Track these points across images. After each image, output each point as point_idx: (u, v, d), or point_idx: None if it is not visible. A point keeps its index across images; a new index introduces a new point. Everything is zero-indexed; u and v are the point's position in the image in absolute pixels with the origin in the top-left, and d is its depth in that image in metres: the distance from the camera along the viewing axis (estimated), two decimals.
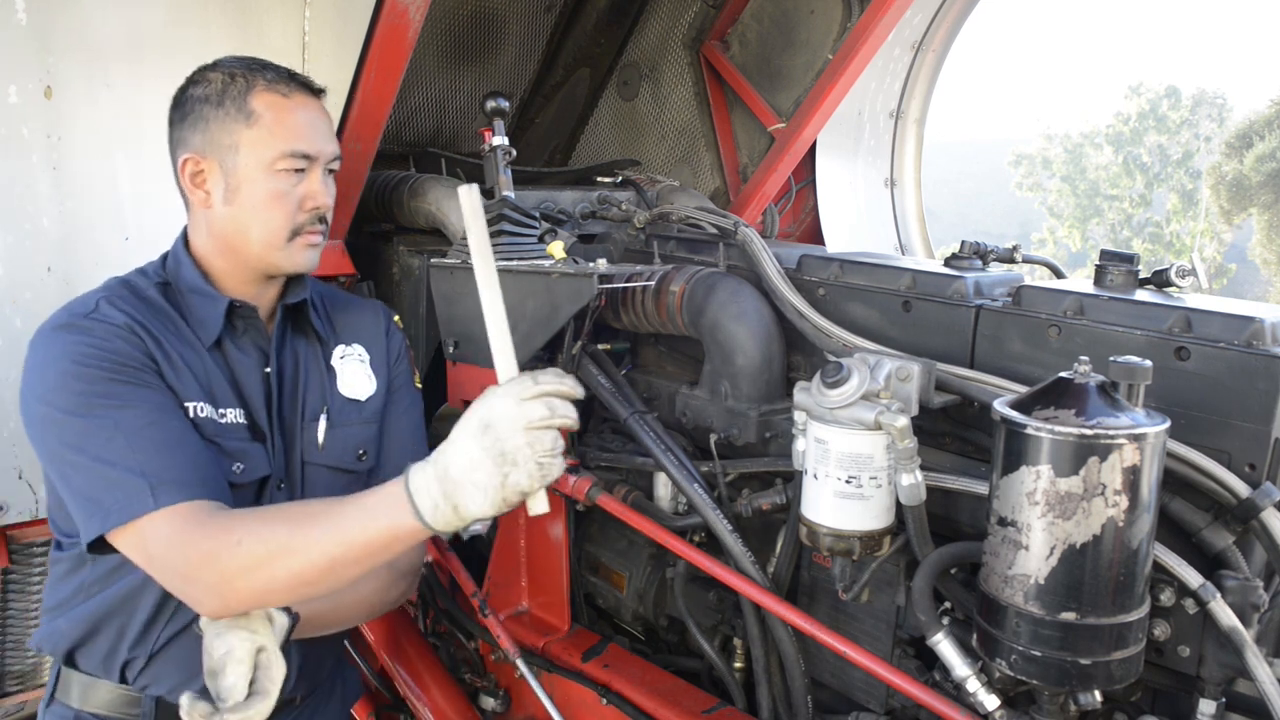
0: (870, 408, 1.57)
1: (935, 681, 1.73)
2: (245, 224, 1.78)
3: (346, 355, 2.00)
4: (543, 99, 4.14)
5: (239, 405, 1.79)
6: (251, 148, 1.75)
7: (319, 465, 1.92)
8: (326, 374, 1.96)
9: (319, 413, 1.92)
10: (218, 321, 1.79)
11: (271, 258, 1.81)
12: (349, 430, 1.96)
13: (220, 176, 1.76)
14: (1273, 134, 26.40)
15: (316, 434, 1.91)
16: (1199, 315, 1.58)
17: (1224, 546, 1.51)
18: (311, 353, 1.95)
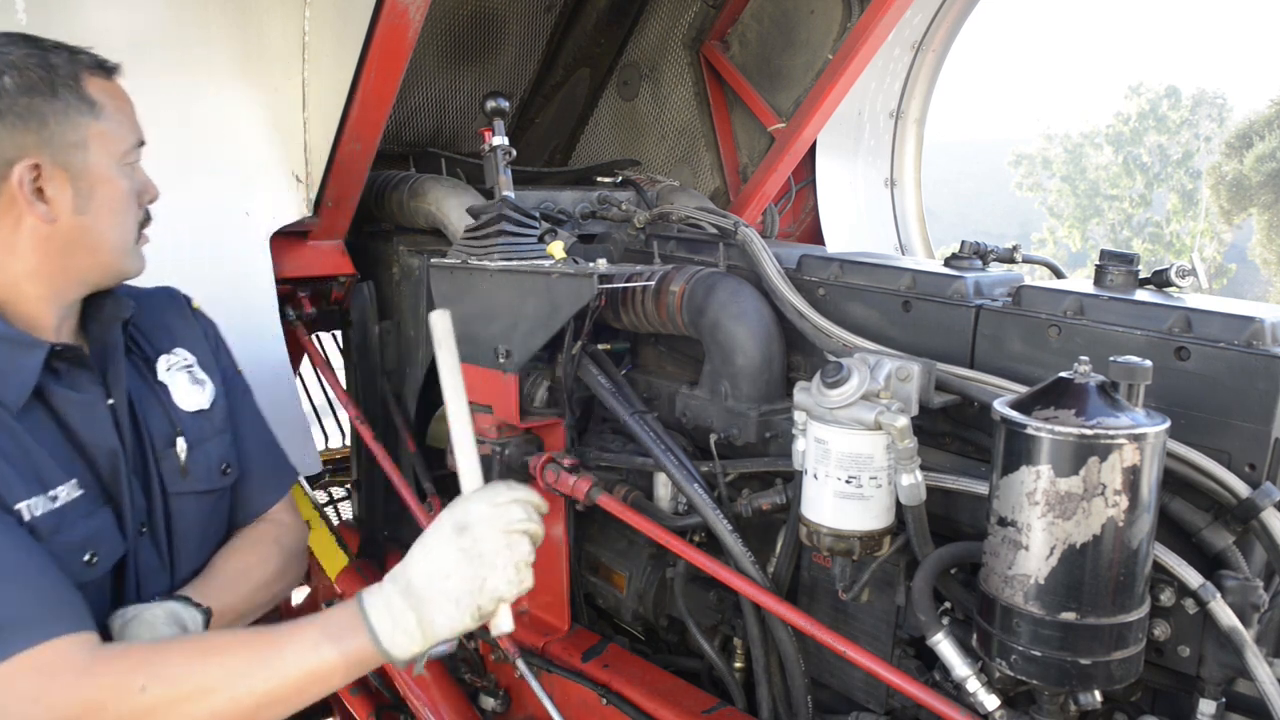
0: (870, 408, 1.57)
1: (935, 681, 1.73)
2: (101, 232, 1.55)
3: (172, 365, 1.75)
4: (543, 99, 4.14)
5: (70, 472, 1.49)
6: (102, 143, 1.53)
7: (185, 494, 1.70)
8: (159, 391, 1.72)
9: (171, 436, 1.69)
10: (32, 375, 1.47)
11: (122, 264, 1.62)
12: (208, 447, 1.75)
13: (68, 182, 1.49)
14: (1273, 134, 26.40)
15: (177, 460, 1.69)
16: (1199, 315, 1.58)
17: (1224, 546, 1.51)
18: (134, 370, 1.70)
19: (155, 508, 1.66)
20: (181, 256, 2.48)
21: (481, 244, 2.31)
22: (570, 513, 2.34)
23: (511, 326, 2.19)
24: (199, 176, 2.51)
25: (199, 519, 1.76)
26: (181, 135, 2.47)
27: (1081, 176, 38.23)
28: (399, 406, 2.87)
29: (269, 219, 2.60)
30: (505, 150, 2.42)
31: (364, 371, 2.94)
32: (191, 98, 2.48)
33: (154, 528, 1.65)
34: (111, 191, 1.56)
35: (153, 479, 1.66)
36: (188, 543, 1.73)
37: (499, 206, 2.33)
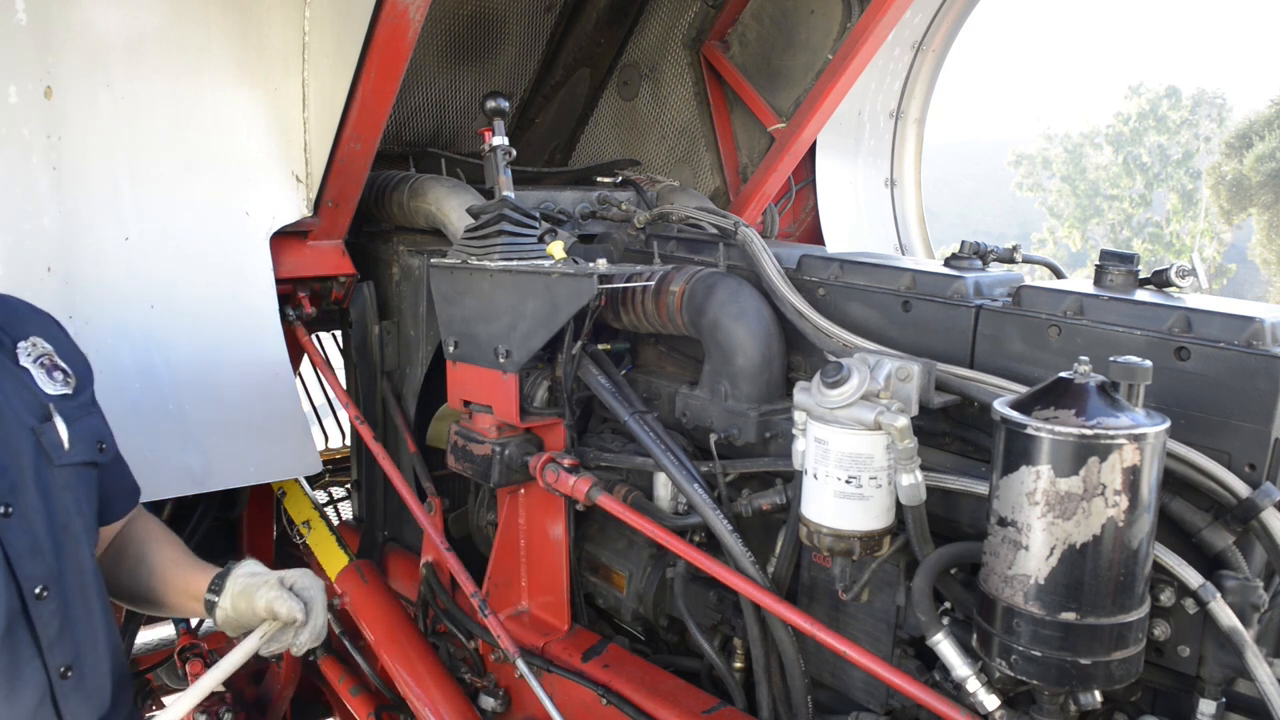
0: (870, 408, 1.57)
1: (935, 681, 1.73)
2: None
3: (31, 352, 1.75)
4: (543, 99, 4.14)
5: None
6: None
7: (70, 466, 1.71)
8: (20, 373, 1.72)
9: (44, 412, 1.70)
10: None
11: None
12: (83, 423, 1.77)
13: None
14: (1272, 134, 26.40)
15: (58, 434, 1.69)
16: (1199, 315, 1.58)
17: (1224, 546, 1.51)
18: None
19: (27, 487, 1.62)
20: (181, 256, 2.48)
21: (482, 244, 2.31)
22: (570, 513, 2.34)
23: (511, 326, 2.19)
24: (199, 176, 2.51)
25: (85, 495, 1.75)
26: (181, 135, 2.47)
27: (1081, 177, 38.22)
28: (399, 406, 2.87)
29: (269, 219, 2.60)
30: (505, 150, 2.42)
31: (364, 371, 2.95)
32: (191, 97, 2.48)
33: (25, 509, 1.61)
34: None
35: (25, 456, 1.63)
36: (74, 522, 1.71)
37: (499, 206, 2.33)
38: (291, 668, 3.00)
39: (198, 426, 2.45)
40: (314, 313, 2.81)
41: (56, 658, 1.63)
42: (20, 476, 1.61)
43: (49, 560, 1.63)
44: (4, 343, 1.72)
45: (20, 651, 1.59)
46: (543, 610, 2.45)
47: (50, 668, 1.62)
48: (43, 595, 1.61)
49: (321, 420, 4.35)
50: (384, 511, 3.08)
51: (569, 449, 2.28)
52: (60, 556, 1.65)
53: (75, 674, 1.66)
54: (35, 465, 1.64)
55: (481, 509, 2.66)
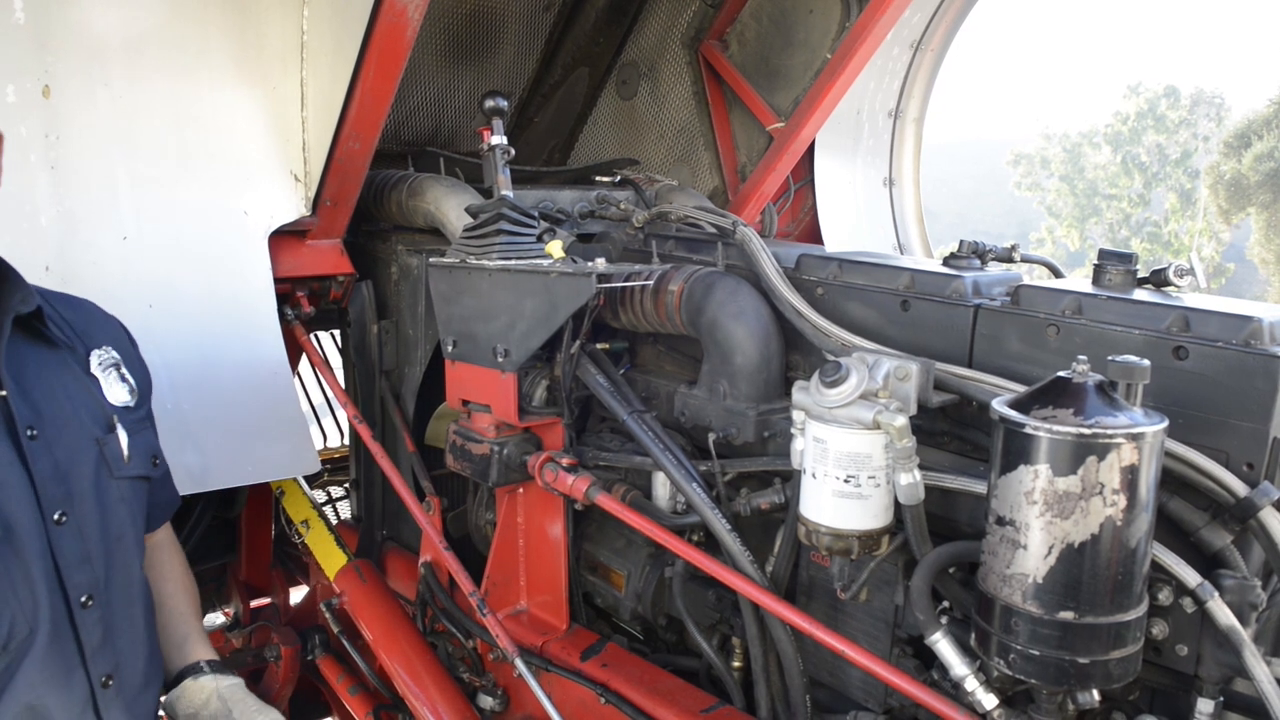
0: (869, 407, 1.57)
1: (933, 680, 1.73)
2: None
3: (103, 360, 1.78)
4: (541, 98, 4.14)
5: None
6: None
7: (125, 478, 1.71)
8: (90, 382, 1.74)
9: (108, 423, 1.71)
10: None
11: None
12: (142, 436, 1.79)
13: None
14: (1271, 133, 26.40)
15: (120, 446, 1.71)
16: (1197, 315, 1.58)
17: (1222, 545, 1.51)
18: (59, 361, 1.71)
19: (85, 496, 1.63)
20: (179, 255, 2.48)
21: (480, 243, 2.31)
22: (569, 512, 2.34)
23: (510, 326, 2.19)
24: (197, 175, 2.51)
25: (138, 507, 1.76)
26: (180, 134, 2.47)
27: (1080, 176, 38.22)
28: (397, 406, 2.87)
29: (267, 218, 2.59)
30: (504, 149, 2.42)
31: (362, 371, 2.95)
32: (190, 97, 2.48)
33: (80, 518, 1.62)
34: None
35: (86, 465, 1.64)
36: (127, 534, 1.72)
37: (498, 206, 2.33)
38: (290, 667, 3.00)
39: (196, 426, 2.45)
40: (312, 312, 2.81)
41: (99, 666, 1.65)
42: (79, 485, 1.62)
43: (97, 570, 1.65)
44: (78, 349, 1.74)
45: (66, 658, 1.60)
46: (541, 609, 2.45)
47: (93, 676, 1.64)
48: (88, 604, 1.62)
49: (320, 420, 4.34)
50: (382, 511, 3.08)
51: (567, 448, 2.28)
52: (110, 567, 1.67)
53: (116, 683, 1.68)
54: (96, 475, 1.65)
55: (480, 508, 2.66)
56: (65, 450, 1.62)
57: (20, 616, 1.53)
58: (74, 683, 1.61)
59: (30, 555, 1.54)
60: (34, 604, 1.55)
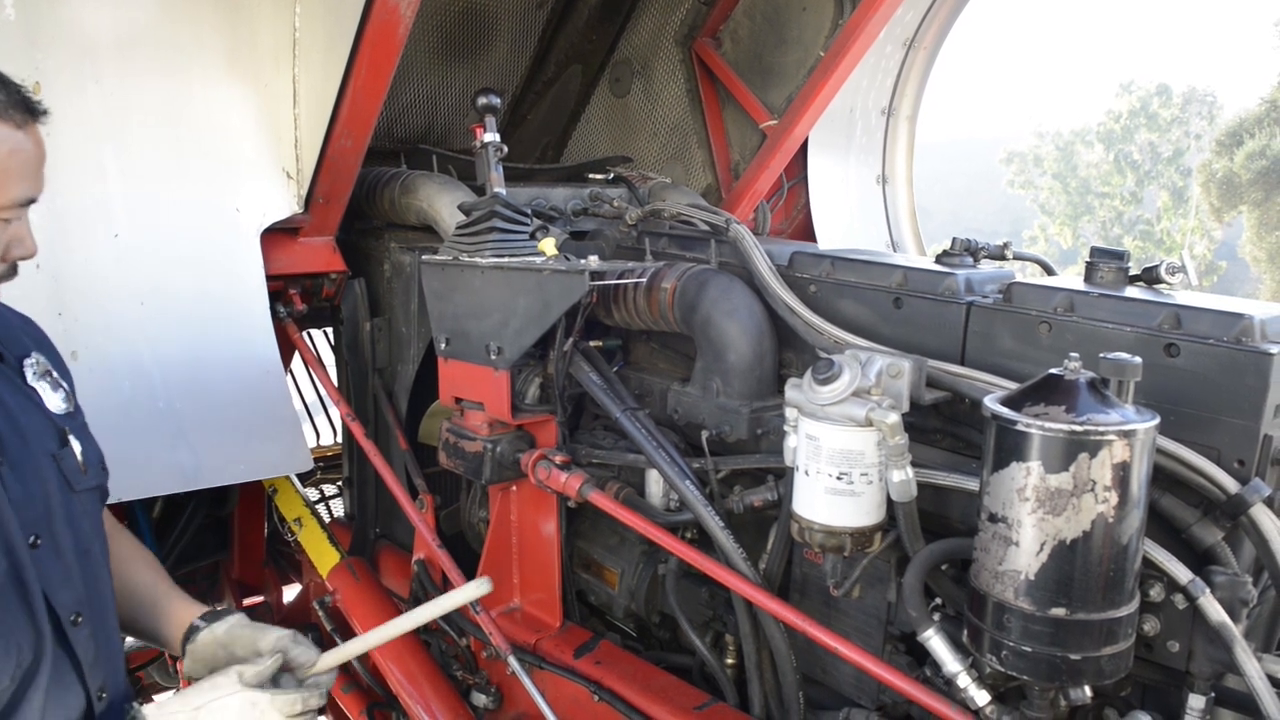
0: (861, 404, 1.58)
1: (926, 677, 1.73)
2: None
3: (35, 370, 1.68)
4: (535, 95, 4.13)
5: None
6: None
7: (88, 490, 1.66)
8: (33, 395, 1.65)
9: (61, 436, 1.63)
10: None
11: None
12: (90, 444, 1.71)
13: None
14: (1263, 131, 26.48)
15: (76, 460, 1.64)
16: (1189, 312, 1.58)
17: (1213, 542, 1.51)
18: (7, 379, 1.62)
19: (54, 515, 1.57)
20: (171, 253, 2.47)
21: (473, 241, 2.30)
22: (562, 510, 2.34)
23: (503, 323, 2.19)
24: (189, 173, 2.50)
25: (98, 517, 1.72)
26: (171, 132, 2.46)
27: (1073, 174, 38.30)
28: (390, 404, 2.87)
29: (259, 215, 2.59)
30: (497, 147, 2.41)
31: (355, 369, 2.94)
32: (181, 94, 2.48)
33: (53, 538, 1.57)
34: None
35: (49, 484, 1.58)
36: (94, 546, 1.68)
37: (491, 203, 2.33)
38: None
39: (188, 424, 2.44)
40: (305, 310, 2.81)
41: (95, 680, 1.63)
42: (45, 505, 1.56)
43: (79, 587, 1.61)
44: (9, 360, 1.65)
45: (63, 678, 1.58)
46: (534, 607, 2.45)
47: (90, 690, 1.62)
48: (78, 621, 1.59)
49: (313, 417, 4.34)
50: (375, 509, 3.07)
51: (561, 446, 2.28)
52: (86, 583, 1.64)
53: (108, 694, 1.67)
54: (61, 492, 1.60)
55: (473, 506, 2.66)
56: (29, 471, 1.56)
57: (25, 646, 1.51)
58: (73, 701, 1.60)
59: (27, 582, 1.51)
60: (35, 632, 1.52)
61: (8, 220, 1.47)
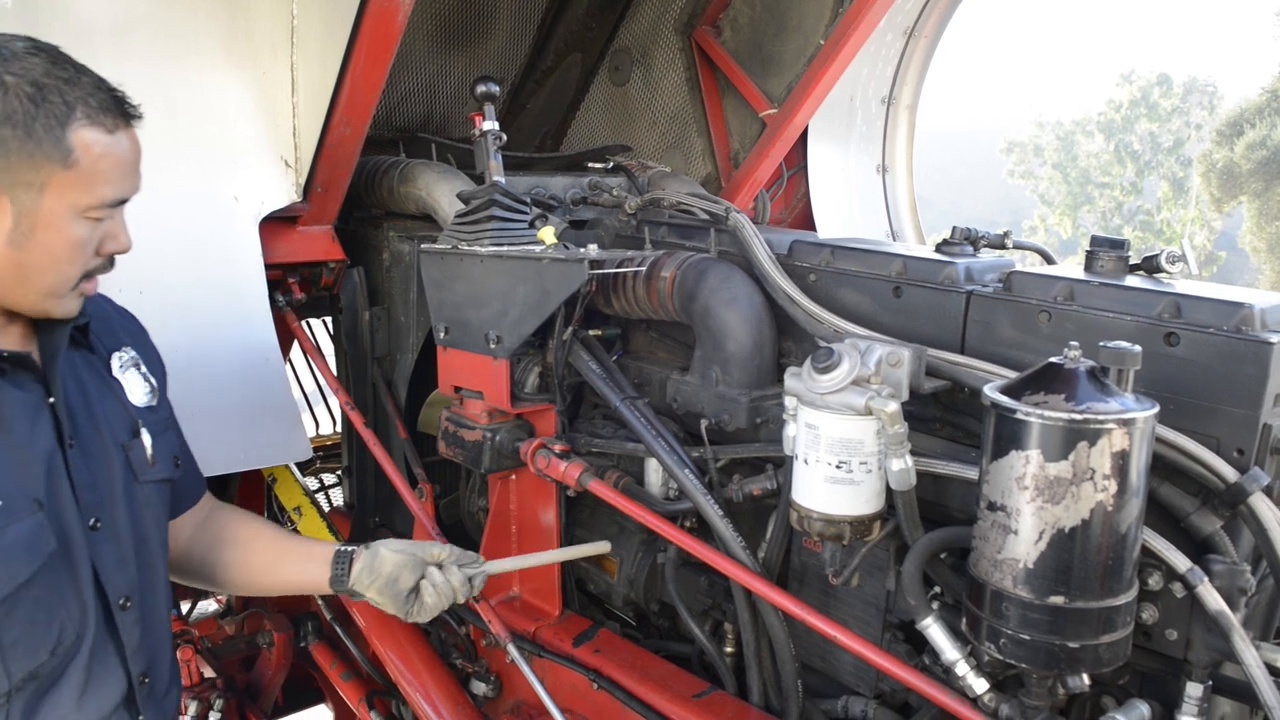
0: (861, 393, 1.57)
1: (925, 665, 1.74)
2: (32, 272, 1.49)
3: (123, 362, 1.78)
4: (534, 84, 4.12)
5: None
6: (62, 192, 1.45)
7: (153, 482, 1.74)
8: (115, 387, 1.74)
9: (133, 427, 1.72)
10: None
11: (45, 306, 1.55)
12: (164, 438, 1.80)
13: (9, 215, 1.44)
14: (1263, 122, 26.43)
15: (144, 452, 1.72)
16: (1188, 301, 1.58)
17: (1212, 531, 1.52)
18: (89, 365, 1.71)
19: (116, 501, 1.65)
20: (170, 242, 2.47)
21: (472, 229, 2.30)
22: (561, 498, 2.35)
23: (502, 312, 2.19)
24: (187, 162, 2.49)
25: (162, 509, 1.79)
26: (169, 120, 2.45)
27: (1073, 164, 38.26)
28: (389, 393, 2.87)
29: (258, 204, 2.58)
30: (496, 135, 2.41)
31: (354, 358, 2.94)
32: (179, 82, 2.46)
33: (113, 523, 1.64)
34: (55, 237, 1.48)
35: (115, 471, 1.66)
36: (152, 536, 1.75)
37: (490, 192, 2.32)
38: (283, 654, 3.00)
39: (187, 412, 2.41)
40: (304, 299, 2.80)
41: (137, 665, 1.69)
42: (110, 491, 1.64)
43: (132, 573, 1.68)
44: (100, 352, 1.74)
45: (106, 659, 1.63)
46: (534, 596, 2.46)
47: (132, 674, 1.68)
48: (126, 606, 1.66)
49: (312, 407, 4.33)
50: (375, 498, 3.07)
51: (560, 435, 2.28)
52: (140, 569, 1.71)
53: (150, 681, 1.72)
54: (124, 481, 1.67)
55: (472, 495, 2.66)
56: (97, 457, 1.64)
57: (69, 624, 1.56)
58: (113, 683, 1.65)
59: (78, 563, 1.57)
60: (81, 610, 1.58)
61: (100, 219, 1.54)
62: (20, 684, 1.52)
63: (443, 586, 1.92)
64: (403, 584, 1.91)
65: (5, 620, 1.49)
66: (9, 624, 1.49)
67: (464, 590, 1.94)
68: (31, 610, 1.52)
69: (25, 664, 1.52)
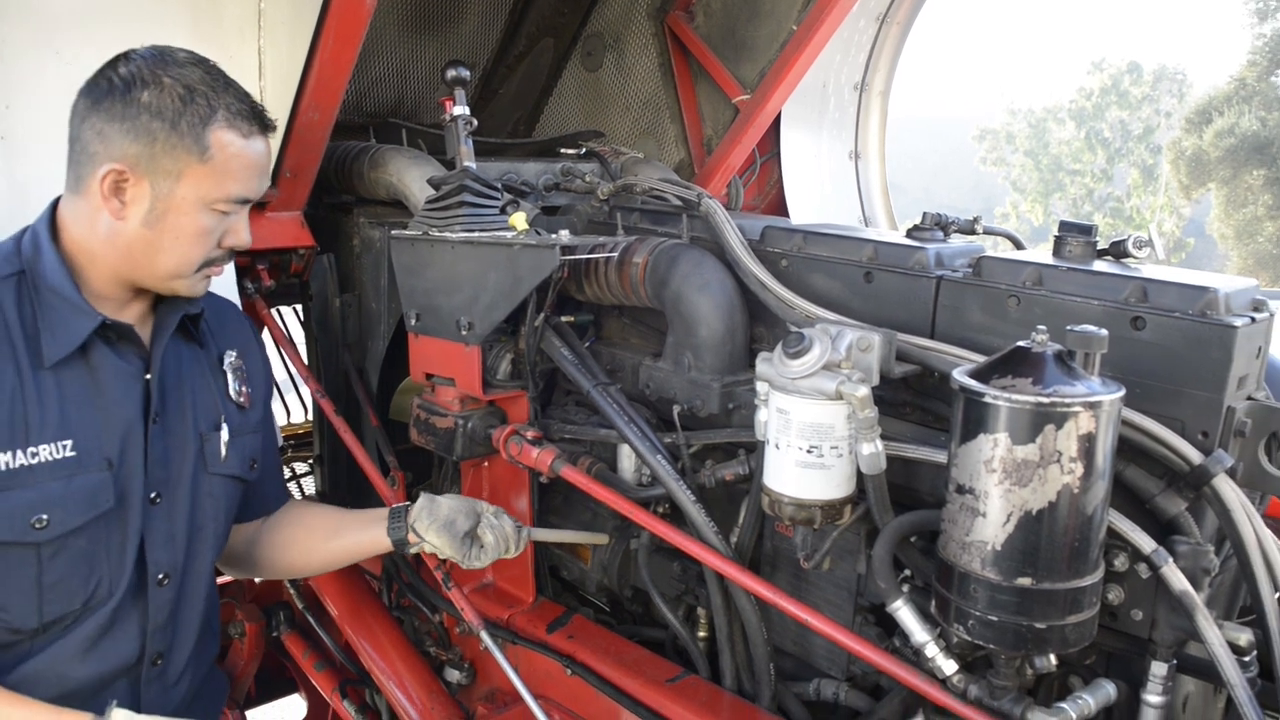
0: (831, 378, 1.58)
1: (895, 648, 1.75)
2: (159, 251, 1.66)
3: (230, 363, 1.95)
4: (506, 69, 4.09)
5: (71, 433, 1.62)
6: (195, 183, 1.64)
7: (220, 475, 1.87)
8: (215, 380, 1.90)
9: (216, 422, 1.87)
10: (77, 338, 1.64)
11: (172, 285, 1.73)
12: (244, 439, 1.94)
13: (148, 197, 1.63)
14: (1232, 110, 26.73)
15: (219, 445, 1.86)
16: (1154, 285, 1.60)
17: (1176, 512, 1.53)
18: (195, 357, 1.87)
19: (182, 483, 1.79)
20: None
21: (443, 215, 2.29)
22: (534, 485, 2.34)
23: (473, 298, 2.18)
24: None
25: (225, 505, 1.91)
26: None
27: (1044, 151, 38.55)
28: (361, 380, 2.85)
29: None
30: (466, 120, 2.39)
31: (325, 345, 2.91)
32: None
33: (172, 502, 1.77)
34: (184, 222, 1.66)
35: (188, 456, 1.80)
36: (207, 525, 1.86)
37: (460, 177, 2.31)
38: (255, 644, 2.97)
39: None
40: (273, 286, 2.77)
41: (156, 643, 1.78)
42: (179, 472, 1.79)
43: (178, 554, 1.79)
44: (211, 348, 1.92)
45: (127, 626, 1.74)
46: (507, 583, 2.46)
47: (147, 650, 1.77)
48: (164, 582, 1.77)
49: (283, 395, 4.30)
50: (347, 486, 3.05)
51: (533, 421, 2.27)
52: (188, 554, 1.82)
53: (164, 665, 1.81)
54: (194, 467, 1.82)
55: (445, 482, 2.65)
56: (176, 439, 1.79)
57: (106, 579, 1.69)
58: (125, 649, 1.74)
59: (129, 528, 1.71)
60: (120, 572, 1.71)
61: (225, 213, 1.71)
62: (47, 625, 1.65)
63: (499, 529, 2.01)
64: (460, 526, 1.98)
65: (49, 561, 1.62)
66: (51, 566, 1.63)
67: (514, 539, 2.03)
68: (75, 559, 1.65)
69: (58, 607, 1.65)
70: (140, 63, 1.65)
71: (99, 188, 1.62)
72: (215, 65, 1.72)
